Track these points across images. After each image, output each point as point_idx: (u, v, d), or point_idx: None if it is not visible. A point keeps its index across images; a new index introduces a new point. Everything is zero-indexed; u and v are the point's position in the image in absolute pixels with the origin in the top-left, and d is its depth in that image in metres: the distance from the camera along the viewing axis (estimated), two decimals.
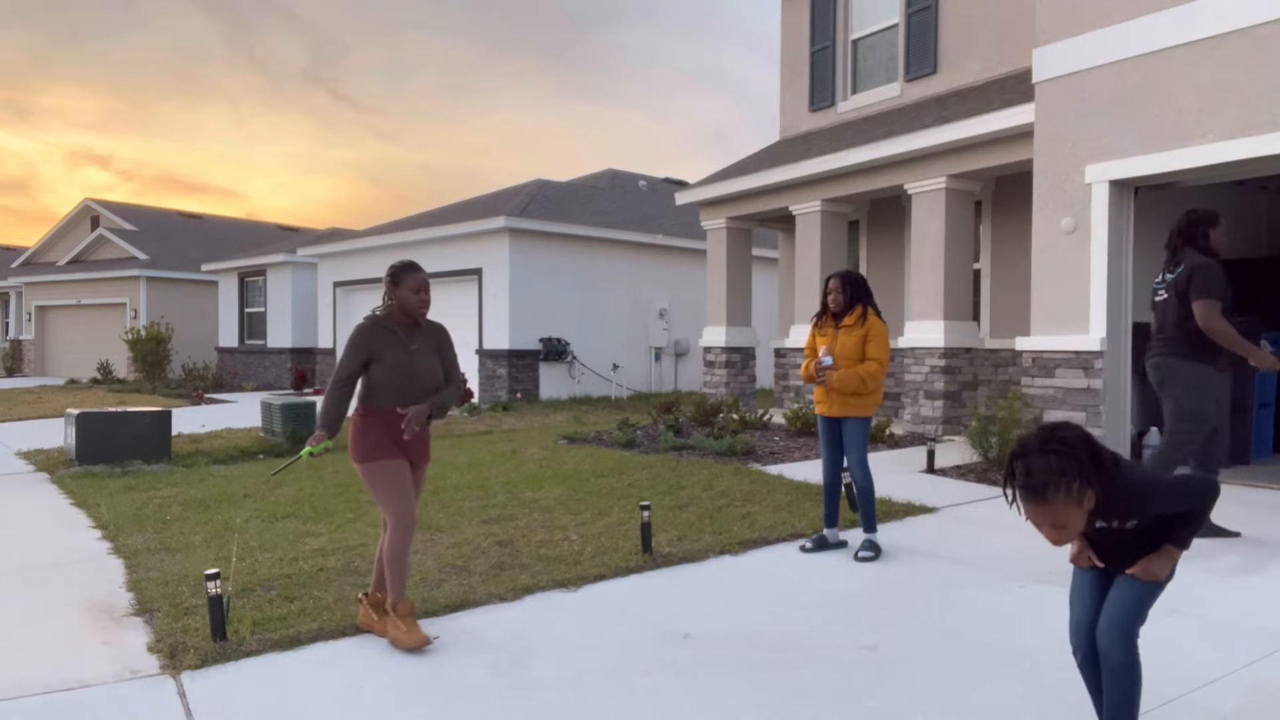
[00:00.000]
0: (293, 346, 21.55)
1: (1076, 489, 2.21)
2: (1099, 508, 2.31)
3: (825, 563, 4.97)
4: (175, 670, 3.53)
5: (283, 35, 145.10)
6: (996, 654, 3.60)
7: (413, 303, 3.99)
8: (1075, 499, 2.22)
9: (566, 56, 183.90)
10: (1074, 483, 2.21)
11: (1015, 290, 10.31)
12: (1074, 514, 2.24)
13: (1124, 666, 2.43)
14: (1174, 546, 2.41)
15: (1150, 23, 7.08)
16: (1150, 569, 2.42)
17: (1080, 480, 2.22)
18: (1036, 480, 2.22)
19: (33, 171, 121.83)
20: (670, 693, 3.29)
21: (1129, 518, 2.38)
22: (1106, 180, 7.36)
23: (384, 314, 4.02)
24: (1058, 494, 2.21)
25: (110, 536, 5.82)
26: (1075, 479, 2.21)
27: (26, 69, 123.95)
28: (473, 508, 6.41)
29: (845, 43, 12.37)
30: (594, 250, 16.68)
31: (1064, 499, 2.21)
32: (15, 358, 29.61)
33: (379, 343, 3.93)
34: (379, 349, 3.92)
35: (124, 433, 8.82)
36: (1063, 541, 2.30)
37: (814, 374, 5.15)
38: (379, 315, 4.03)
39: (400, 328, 4.00)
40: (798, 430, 9.66)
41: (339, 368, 3.95)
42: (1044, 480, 2.21)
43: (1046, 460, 2.21)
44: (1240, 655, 3.53)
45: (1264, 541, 5.20)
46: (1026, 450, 2.25)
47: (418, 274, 4.00)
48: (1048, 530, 2.28)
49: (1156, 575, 2.43)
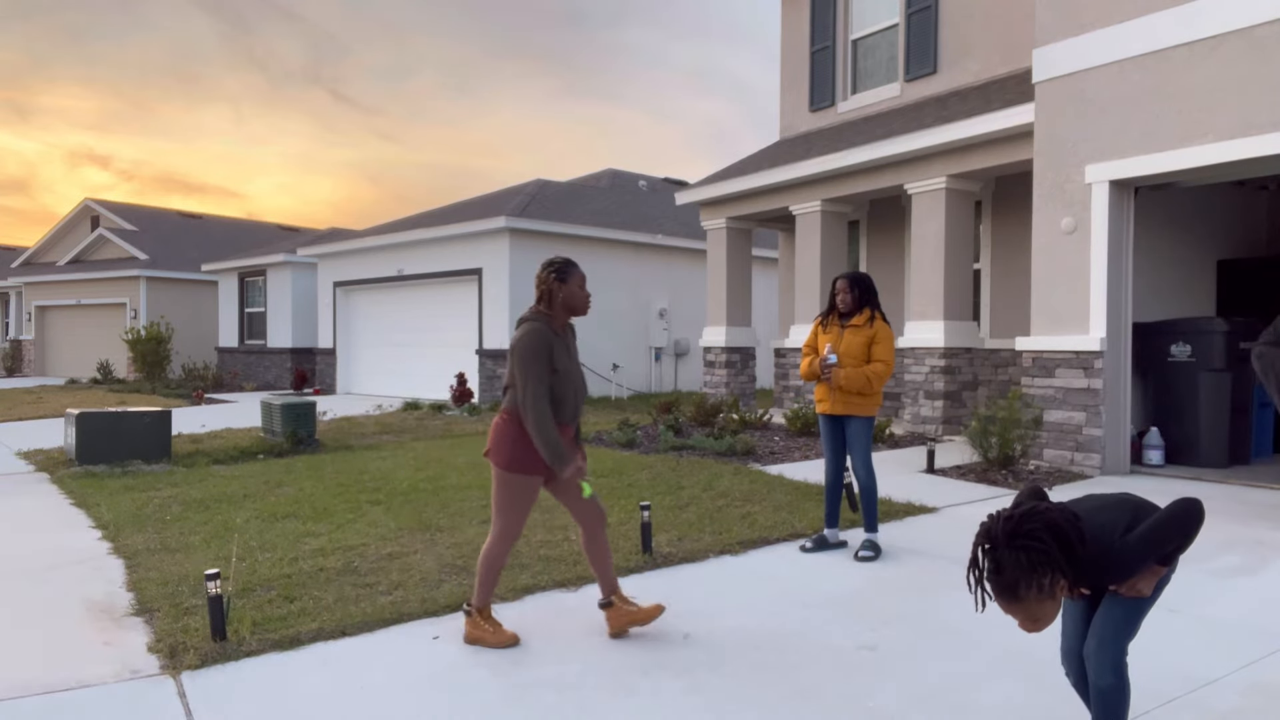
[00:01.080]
0: (293, 346, 21.55)
1: (1049, 584, 2.15)
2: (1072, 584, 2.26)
3: (825, 563, 4.97)
4: (175, 670, 3.53)
5: (283, 35, 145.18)
6: (997, 654, 3.60)
7: (581, 299, 3.77)
8: (1049, 594, 2.16)
9: (567, 57, 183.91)
10: (1045, 579, 2.14)
11: (1015, 290, 10.31)
12: (1048, 606, 2.19)
13: (1113, 689, 2.40)
14: (1159, 565, 2.36)
15: (1150, 23, 7.08)
16: (1136, 586, 2.37)
17: (1052, 573, 2.15)
18: (1007, 579, 2.15)
19: (33, 171, 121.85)
20: (670, 693, 3.29)
21: (1105, 583, 2.34)
22: (1106, 180, 7.36)
23: (546, 315, 3.74)
24: (1029, 591, 2.14)
25: (110, 536, 5.82)
26: (1047, 574, 2.14)
27: (26, 69, 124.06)
28: (473, 508, 6.42)
29: (845, 43, 12.37)
30: (594, 250, 16.68)
31: (1036, 595, 2.15)
32: (15, 358, 29.61)
33: (554, 349, 3.67)
34: (554, 356, 3.66)
35: (124, 433, 8.82)
36: (1039, 629, 2.24)
37: (817, 371, 5.15)
38: (542, 316, 3.74)
39: (559, 331, 3.74)
40: (798, 430, 9.66)
41: (532, 382, 3.60)
42: (1015, 579, 2.14)
43: (1016, 557, 2.14)
44: (1240, 655, 3.53)
45: (1264, 541, 5.20)
46: (994, 543, 2.18)
47: (579, 268, 3.80)
48: (1025, 624, 2.22)
49: (1142, 593, 2.38)
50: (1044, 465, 7.69)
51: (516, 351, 3.67)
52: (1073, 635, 2.54)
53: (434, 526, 5.86)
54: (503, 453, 3.69)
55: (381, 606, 4.21)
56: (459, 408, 14.19)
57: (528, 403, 3.61)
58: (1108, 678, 2.40)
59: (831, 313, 5.28)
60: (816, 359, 5.18)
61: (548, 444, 3.60)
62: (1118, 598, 2.42)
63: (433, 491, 7.08)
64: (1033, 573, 2.13)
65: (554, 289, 3.74)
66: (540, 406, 3.59)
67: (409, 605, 4.22)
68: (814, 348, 5.29)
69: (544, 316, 3.74)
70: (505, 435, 3.71)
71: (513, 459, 3.68)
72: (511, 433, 3.70)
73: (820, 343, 5.24)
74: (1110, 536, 2.30)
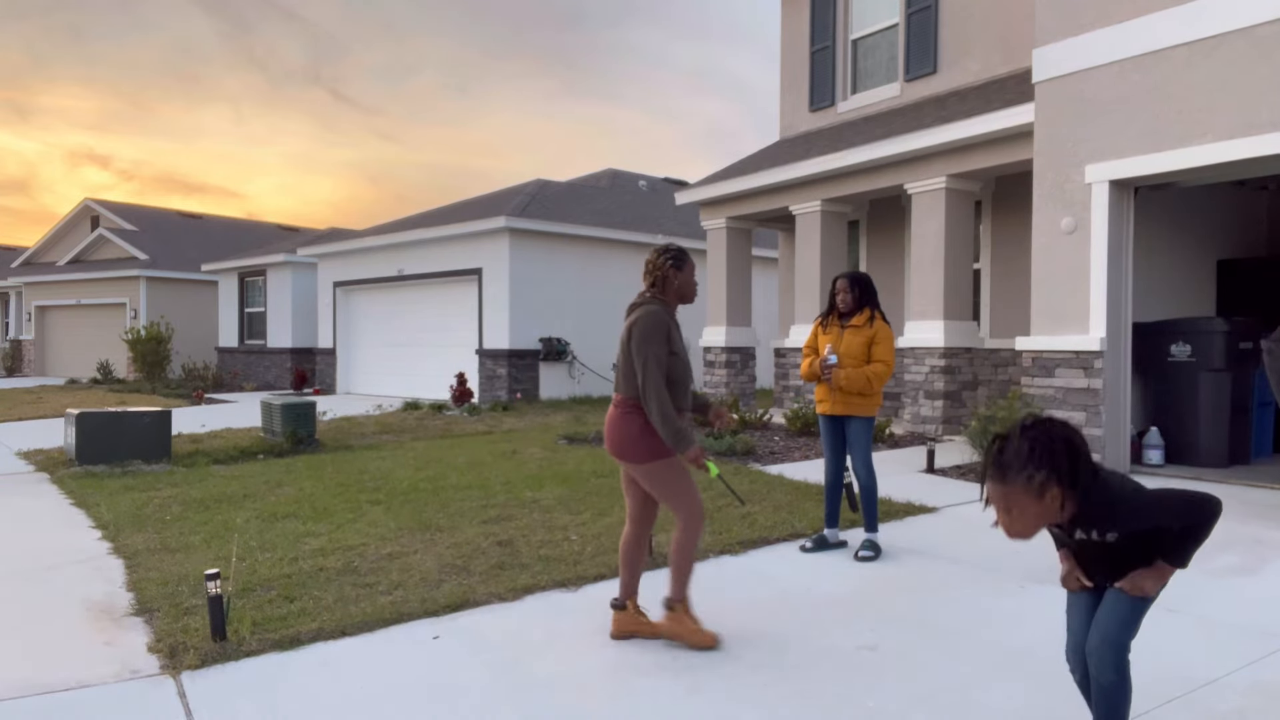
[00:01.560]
0: (293, 346, 21.55)
1: (1039, 480, 2.15)
2: (1077, 517, 2.26)
3: (825, 563, 4.97)
4: (175, 670, 3.53)
5: (283, 35, 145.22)
6: (997, 654, 3.60)
7: (693, 287, 3.76)
8: (1034, 489, 2.16)
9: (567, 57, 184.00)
10: (1037, 473, 2.15)
11: (1015, 290, 10.31)
12: (1029, 504, 2.18)
13: (1114, 686, 2.39)
14: (1167, 564, 2.33)
15: (1150, 23, 7.08)
16: (1138, 583, 2.35)
17: (1046, 473, 2.15)
18: (1005, 459, 2.18)
19: (32, 171, 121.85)
20: (670, 693, 3.29)
21: (1107, 529, 2.30)
22: (1106, 180, 7.36)
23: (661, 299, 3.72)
24: (1018, 477, 2.16)
25: (110, 536, 5.82)
26: (1040, 469, 2.15)
27: (26, 69, 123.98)
28: (473, 508, 6.42)
29: (845, 43, 12.37)
30: (594, 250, 16.68)
31: (1023, 485, 2.16)
32: (15, 358, 29.61)
33: (671, 332, 3.63)
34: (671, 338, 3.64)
35: (124, 433, 8.82)
36: (1013, 532, 2.23)
37: (817, 372, 5.15)
38: (658, 300, 3.73)
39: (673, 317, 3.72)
40: (798, 430, 9.66)
41: (652, 364, 3.57)
42: (1009, 461, 2.17)
43: (1021, 445, 2.17)
44: (1240, 655, 3.53)
45: (1263, 541, 5.20)
46: (1009, 432, 2.22)
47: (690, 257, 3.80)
48: (1000, 515, 2.22)
49: (1145, 591, 2.35)
50: None
51: (637, 332, 3.62)
52: (1078, 632, 2.53)
53: (434, 526, 5.86)
54: (639, 447, 3.62)
55: (381, 606, 4.21)
56: (459, 408, 14.19)
57: (649, 384, 3.57)
58: (1109, 675, 2.39)
59: (831, 313, 5.28)
60: (817, 360, 5.18)
61: (670, 426, 3.56)
62: (1122, 594, 2.41)
63: (433, 491, 7.08)
64: (1029, 461, 2.15)
65: (669, 275, 3.73)
66: (661, 387, 3.55)
67: (409, 605, 4.22)
68: (814, 348, 5.29)
69: (659, 300, 3.71)
70: (632, 429, 3.64)
71: (653, 449, 3.62)
72: (638, 424, 3.64)
73: (820, 343, 5.24)
74: (1125, 487, 2.29)
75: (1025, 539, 2.26)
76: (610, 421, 3.75)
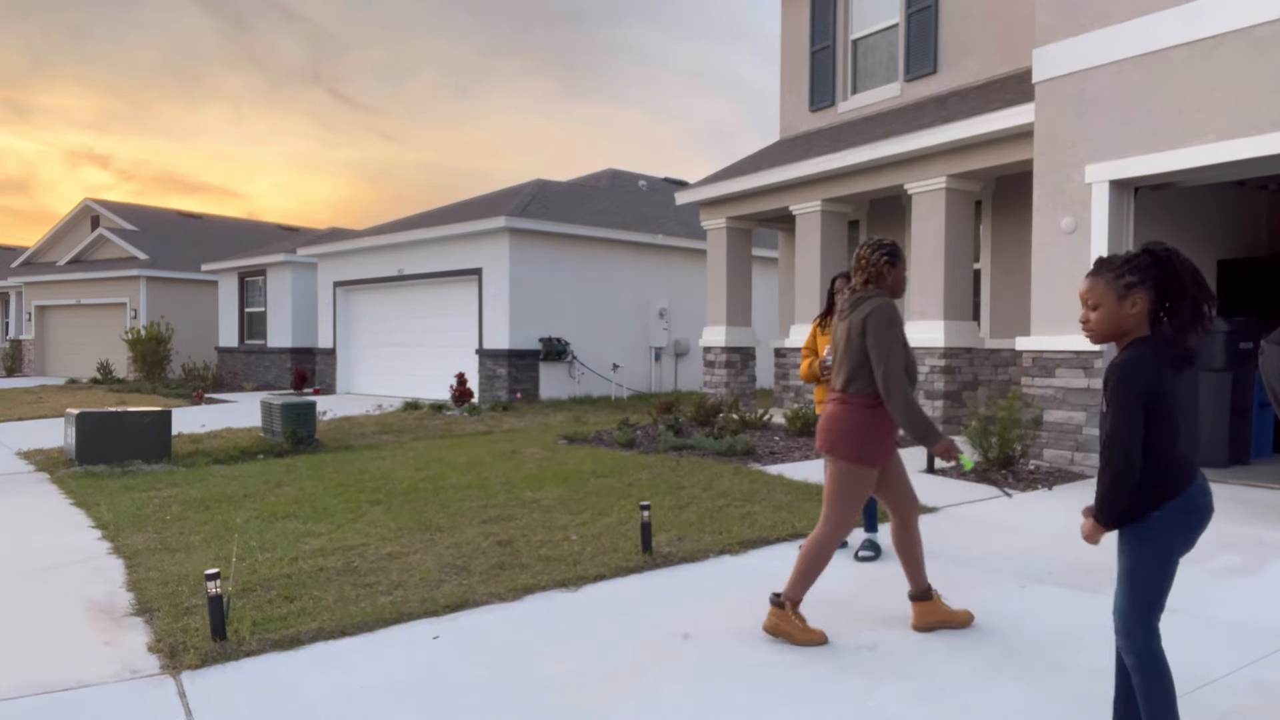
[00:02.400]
0: (293, 346, 21.55)
1: (1123, 281, 2.32)
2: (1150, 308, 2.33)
3: None
4: (175, 670, 3.53)
5: (282, 35, 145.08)
6: (996, 654, 3.60)
7: (904, 284, 3.73)
8: (1116, 288, 2.31)
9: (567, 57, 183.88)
10: (1125, 275, 2.31)
11: (1015, 290, 10.31)
12: (1108, 301, 2.33)
13: (1136, 668, 2.40)
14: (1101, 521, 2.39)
15: (1150, 23, 7.09)
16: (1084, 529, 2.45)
17: (1130, 276, 2.31)
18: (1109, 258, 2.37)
19: (32, 171, 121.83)
20: (670, 693, 3.29)
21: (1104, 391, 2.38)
22: (1106, 180, 7.36)
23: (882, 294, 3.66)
24: (1108, 273, 2.33)
25: (110, 536, 5.82)
26: (1134, 274, 2.31)
27: (26, 69, 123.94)
28: (473, 508, 6.41)
29: (845, 43, 12.37)
30: (594, 250, 16.68)
31: (1109, 281, 2.33)
32: (15, 358, 29.61)
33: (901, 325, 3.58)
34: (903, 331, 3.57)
35: (124, 433, 8.82)
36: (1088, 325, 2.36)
37: (816, 373, 5.15)
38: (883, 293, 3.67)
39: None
40: (798, 430, 9.65)
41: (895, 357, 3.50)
42: (1110, 258, 2.36)
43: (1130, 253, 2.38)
44: (1240, 655, 3.53)
45: (1264, 541, 5.20)
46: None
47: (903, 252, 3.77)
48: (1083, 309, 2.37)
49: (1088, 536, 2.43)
50: (1044, 465, 7.69)
51: (875, 325, 3.55)
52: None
53: (434, 526, 5.86)
54: (851, 446, 3.56)
55: (381, 606, 4.21)
56: (459, 408, 14.19)
57: (892, 379, 3.51)
58: (1127, 652, 2.42)
59: (830, 313, 5.28)
60: (816, 361, 5.18)
61: (917, 421, 3.49)
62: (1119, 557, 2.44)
63: (433, 491, 7.08)
64: (1126, 264, 2.34)
65: (884, 271, 3.70)
66: (905, 381, 3.49)
67: (409, 605, 4.22)
68: (813, 349, 5.29)
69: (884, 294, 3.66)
70: (854, 426, 3.58)
71: (863, 452, 3.57)
72: (860, 422, 3.58)
73: (819, 344, 5.24)
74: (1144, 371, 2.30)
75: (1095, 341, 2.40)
76: (831, 416, 3.67)
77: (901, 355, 3.54)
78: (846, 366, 3.69)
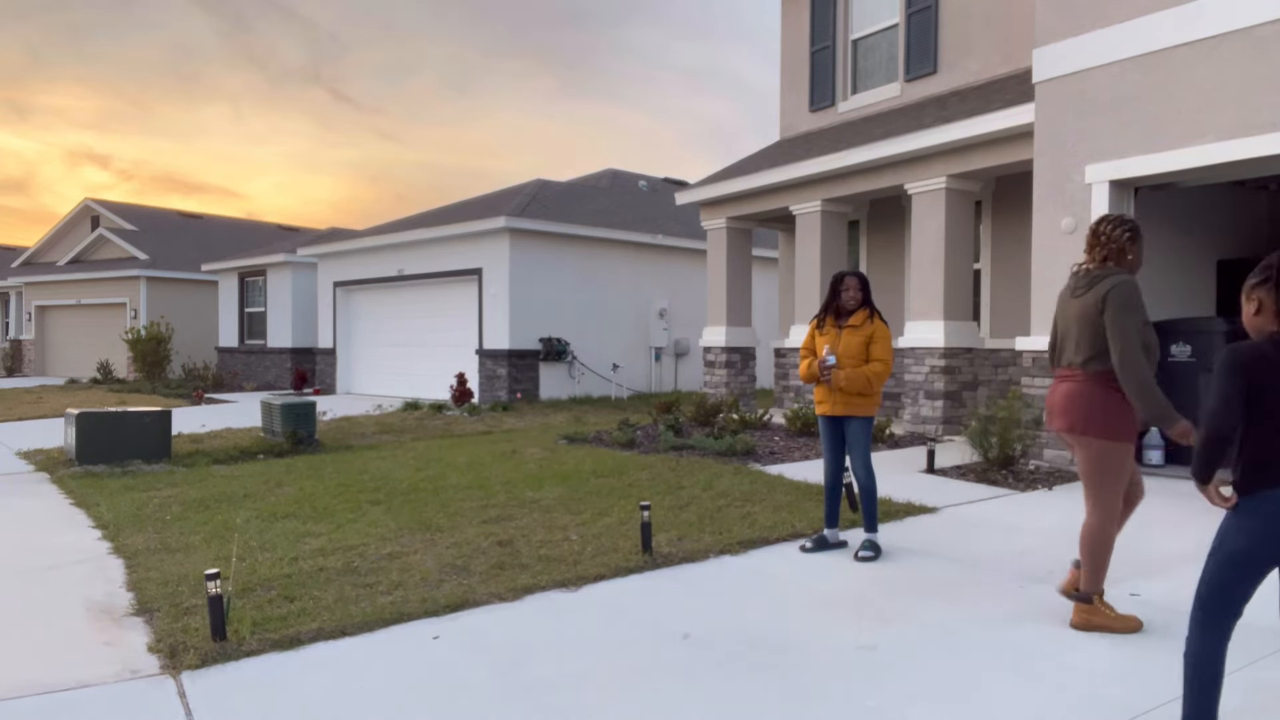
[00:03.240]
0: (293, 346, 21.55)
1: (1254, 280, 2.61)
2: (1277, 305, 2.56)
3: (825, 563, 4.97)
4: (175, 670, 3.53)
5: (282, 35, 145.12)
6: (996, 654, 3.60)
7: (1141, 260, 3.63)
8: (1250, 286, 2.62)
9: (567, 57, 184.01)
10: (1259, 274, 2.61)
11: (1015, 290, 10.31)
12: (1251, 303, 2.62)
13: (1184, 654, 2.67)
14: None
15: (1150, 23, 7.08)
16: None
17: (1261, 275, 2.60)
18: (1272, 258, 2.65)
19: (32, 171, 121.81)
20: (670, 693, 3.29)
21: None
22: (1106, 180, 7.36)
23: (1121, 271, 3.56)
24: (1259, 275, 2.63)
25: (110, 536, 5.82)
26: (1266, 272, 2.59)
27: (26, 68, 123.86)
28: (473, 508, 6.41)
29: (845, 43, 12.37)
30: (594, 250, 16.68)
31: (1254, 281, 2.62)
32: (15, 358, 29.61)
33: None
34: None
35: (124, 433, 8.82)
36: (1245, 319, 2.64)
37: (816, 374, 5.15)
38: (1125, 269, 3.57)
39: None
40: (798, 430, 9.66)
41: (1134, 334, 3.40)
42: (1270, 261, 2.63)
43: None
44: (1241, 655, 3.52)
45: None
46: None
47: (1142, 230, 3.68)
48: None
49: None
50: (1044, 465, 7.69)
51: (1115, 301, 3.47)
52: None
53: (434, 526, 5.86)
54: (1103, 424, 3.45)
55: (381, 606, 4.21)
56: (459, 408, 14.19)
57: (1130, 357, 3.43)
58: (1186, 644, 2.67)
59: (827, 313, 5.27)
60: (815, 361, 5.18)
61: (1153, 401, 3.41)
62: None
63: (433, 491, 7.08)
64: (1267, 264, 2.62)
65: (1127, 247, 3.63)
66: (1142, 359, 3.40)
67: (409, 605, 4.22)
68: (812, 350, 5.29)
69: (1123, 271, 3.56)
70: (1097, 401, 3.47)
71: (1116, 427, 3.47)
72: (1101, 396, 3.48)
73: (818, 344, 5.24)
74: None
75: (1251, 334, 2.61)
76: (1068, 395, 3.58)
77: (1140, 333, 3.45)
78: (1083, 342, 3.58)
